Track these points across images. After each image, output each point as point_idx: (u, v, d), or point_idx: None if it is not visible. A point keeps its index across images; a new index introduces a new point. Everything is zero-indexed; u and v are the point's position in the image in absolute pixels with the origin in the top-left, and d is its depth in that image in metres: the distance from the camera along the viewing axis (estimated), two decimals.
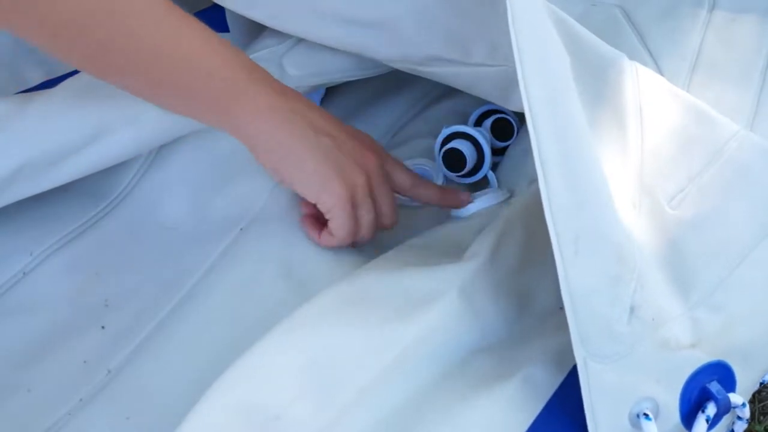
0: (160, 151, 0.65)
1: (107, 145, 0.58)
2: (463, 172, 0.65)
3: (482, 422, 0.41)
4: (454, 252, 0.49)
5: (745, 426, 0.44)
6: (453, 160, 0.64)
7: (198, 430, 0.38)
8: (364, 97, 0.75)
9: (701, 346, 0.42)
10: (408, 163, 0.68)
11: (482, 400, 0.41)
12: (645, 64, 0.54)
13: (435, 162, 0.67)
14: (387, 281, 0.46)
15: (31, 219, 0.64)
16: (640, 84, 0.47)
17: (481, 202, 0.59)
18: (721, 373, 0.42)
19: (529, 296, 0.49)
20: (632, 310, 0.40)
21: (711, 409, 0.41)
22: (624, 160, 0.44)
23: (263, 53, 0.63)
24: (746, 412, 0.43)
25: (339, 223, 0.55)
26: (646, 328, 0.40)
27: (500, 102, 0.61)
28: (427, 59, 0.60)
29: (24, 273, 0.61)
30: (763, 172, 0.47)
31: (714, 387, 0.41)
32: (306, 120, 0.54)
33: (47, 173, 0.58)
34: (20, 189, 0.58)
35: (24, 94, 0.61)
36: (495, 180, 0.64)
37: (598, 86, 0.45)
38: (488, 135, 0.66)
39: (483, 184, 0.65)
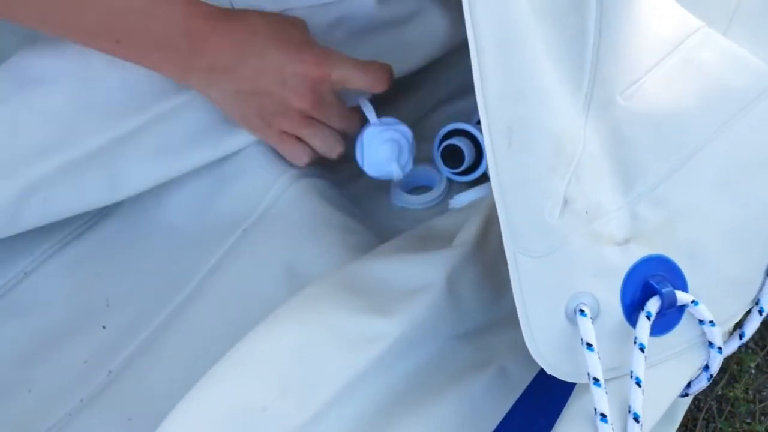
0: None
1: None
2: (460, 169, 0.65)
3: (456, 416, 0.40)
4: (448, 242, 0.49)
5: (719, 357, 0.41)
6: (451, 157, 0.64)
7: (184, 424, 0.38)
8: None
9: (637, 241, 0.40)
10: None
11: (457, 391, 0.41)
12: None
13: (436, 165, 0.67)
14: (377, 270, 0.46)
15: None
16: None
17: (475, 192, 0.59)
18: (666, 269, 0.41)
19: (507, 281, 0.48)
20: (565, 202, 0.39)
21: (653, 305, 0.39)
22: (577, 50, 0.42)
23: None
24: (701, 313, 0.40)
25: (283, 151, 0.62)
26: (578, 221, 0.39)
27: None
28: None
29: (25, 273, 0.61)
30: (721, 71, 0.45)
31: (657, 281, 0.39)
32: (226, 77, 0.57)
33: None
34: None
35: None
36: None
37: None
38: None
39: (482, 182, 0.65)
